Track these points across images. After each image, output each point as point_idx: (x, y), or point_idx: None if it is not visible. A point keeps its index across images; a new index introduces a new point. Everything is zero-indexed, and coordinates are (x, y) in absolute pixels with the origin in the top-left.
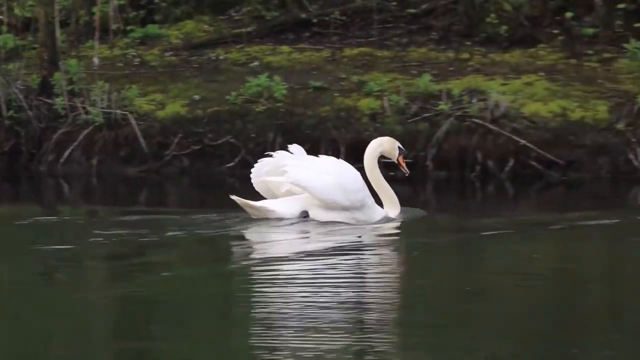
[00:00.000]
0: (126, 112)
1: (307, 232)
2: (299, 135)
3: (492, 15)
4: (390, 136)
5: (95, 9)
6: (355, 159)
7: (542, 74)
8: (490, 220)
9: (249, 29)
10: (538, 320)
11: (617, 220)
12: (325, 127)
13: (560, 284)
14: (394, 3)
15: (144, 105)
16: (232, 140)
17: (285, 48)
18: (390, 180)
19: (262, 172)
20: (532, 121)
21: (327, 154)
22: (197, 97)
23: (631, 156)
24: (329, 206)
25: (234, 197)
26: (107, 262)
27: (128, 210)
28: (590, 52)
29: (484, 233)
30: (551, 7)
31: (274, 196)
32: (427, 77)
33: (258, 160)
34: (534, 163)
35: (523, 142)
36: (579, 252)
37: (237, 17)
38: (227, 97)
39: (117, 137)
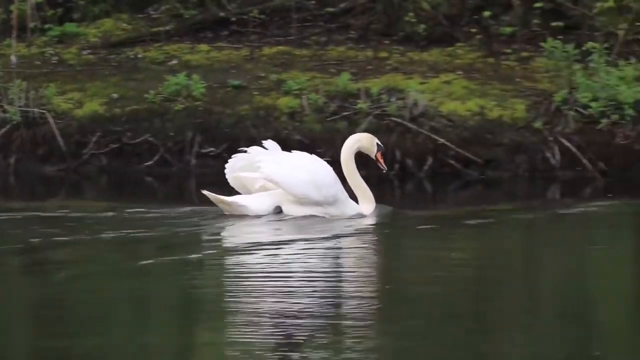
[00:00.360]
0: (44, 111)
1: (275, 226)
2: (218, 134)
3: (411, 14)
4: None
5: (12, 7)
6: None
7: (460, 72)
8: (418, 214)
9: (167, 28)
10: (453, 312)
11: (532, 216)
12: (244, 126)
13: (475, 279)
14: (313, 2)
15: (62, 103)
16: (150, 138)
17: (203, 47)
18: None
19: (236, 167)
20: (450, 120)
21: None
22: (115, 95)
23: (548, 155)
24: (302, 201)
25: (205, 192)
26: (18, 259)
27: (45, 207)
28: (508, 51)
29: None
30: (469, 6)
31: (248, 192)
32: (345, 76)
33: (232, 156)
34: (452, 162)
35: (442, 140)
36: (494, 246)
37: (155, 16)
38: (146, 95)
39: (35, 136)
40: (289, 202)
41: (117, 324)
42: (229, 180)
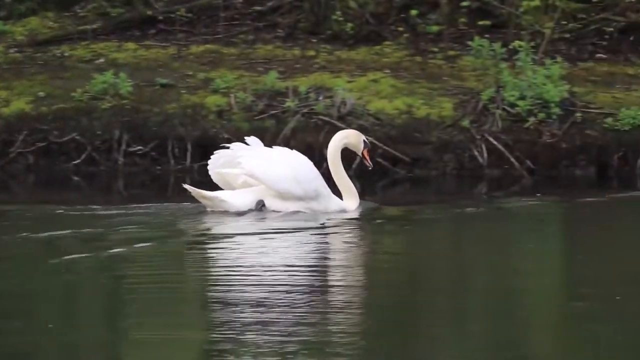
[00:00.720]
0: None
1: (253, 220)
2: (145, 132)
3: (338, 12)
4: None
5: None
6: (203, 156)
7: (388, 71)
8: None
9: (94, 26)
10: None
11: (460, 211)
12: (171, 125)
13: (400, 273)
14: (240, 0)
15: None
16: (77, 137)
17: (131, 45)
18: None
19: (218, 163)
20: (378, 118)
21: (173, 151)
22: (42, 94)
23: (476, 153)
24: (284, 196)
25: (187, 187)
26: None
27: None
28: (435, 49)
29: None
30: (396, 4)
31: (231, 188)
32: (273, 75)
33: (214, 152)
34: (380, 160)
35: (369, 139)
36: (419, 242)
37: (82, 14)
38: (73, 94)
39: None
40: (271, 198)
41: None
42: (212, 176)
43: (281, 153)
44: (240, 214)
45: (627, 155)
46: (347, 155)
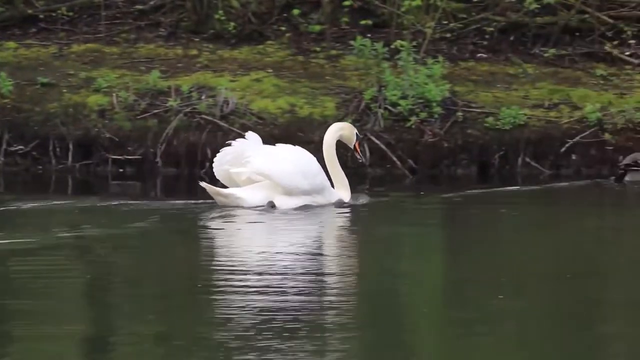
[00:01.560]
0: None
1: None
2: (27, 131)
3: (220, 12)
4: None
5: None
6: (84, 155)
7: (271, 70)
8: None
9: None
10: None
11: (341, 212)
12: (53, 124)
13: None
14: None
15: None
16: None
17: (11, 44)
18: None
19: (224, 161)
20: (260, 117)
21: (54, 151)
22: None
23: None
24: (292, 192)
25: (203, 184)
26: None
27: None
28: (317, 49)
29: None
30: (278, 4)
31: (235, 184)
32: (156, 74)
33: (220, 150)
34: None
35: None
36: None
37: None
38: None
39: None
40: (279, 194)
41: None
42: (216, 173)
43: (286, 150)
44: (251, 209)
45: (508, 154)
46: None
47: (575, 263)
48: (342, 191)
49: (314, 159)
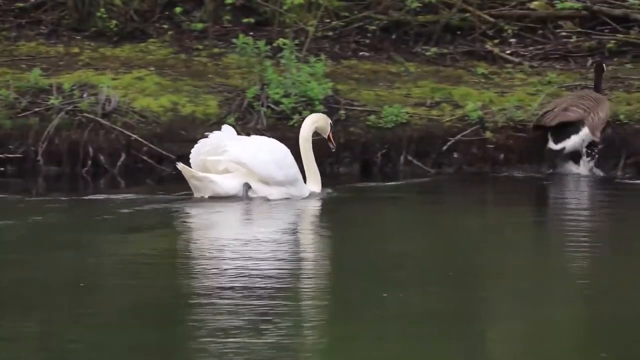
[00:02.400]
0: None
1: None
2: None
3: (102, 9)
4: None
5: None
6: None
7: (153, 68)
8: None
9: None
10: None
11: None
12: None
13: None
14: None
15: None
16: None
17: None
18: None
19: (201, 151)
20: (143, 116)
21: None
22: None
23: None
24: (266, 181)
25: (179, 166)
26: None
27: None
28: (199, 47)
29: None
30: (161, 2)
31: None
32: (37, 72)
33: (198, 141)
34: (145, 157)
35: (134, 136)
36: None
37: None
38: None
39: None
40: (255, 183)
41: None
42: (194, 165)
43: (262, 141)
44: (223, 197)
45: (390, 153)
46: (109, 154)
47: (456, 260)
48: (314, 184)
49: (289, 151)
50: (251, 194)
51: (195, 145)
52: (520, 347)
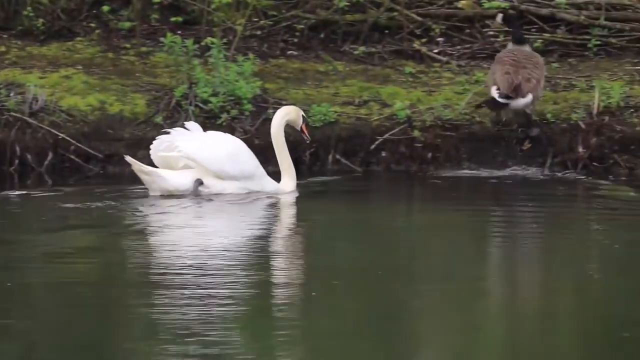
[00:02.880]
0: None
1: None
2: None
3: (29, 8)
4: None
5: None
6: None
7: (80, 67)
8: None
9: None
10: None
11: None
12: None
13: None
14: None
15: None
16: None
17: None
18: None
19: (160, 148)
20: (70, 115)
21: None
22: None
23: None
24: (220, 176)
25: (128, 159)
26: None
27: None
28: (127, 45)
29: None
30: (88, 0)
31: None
32: None
33: (156, 137)
34: (73, 156)
35: (62, 135)
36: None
37: None
38: None
39: None
40: (209, 179)
41: None
42: (154, 161)
43: (216, 136)
44: (175, 194)
45: (319, 151)
46: (36, 153)
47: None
48: (288, 180)
49: (245, 146)
50: (204, 190)
51: (154, 142)
52: (444, 345)
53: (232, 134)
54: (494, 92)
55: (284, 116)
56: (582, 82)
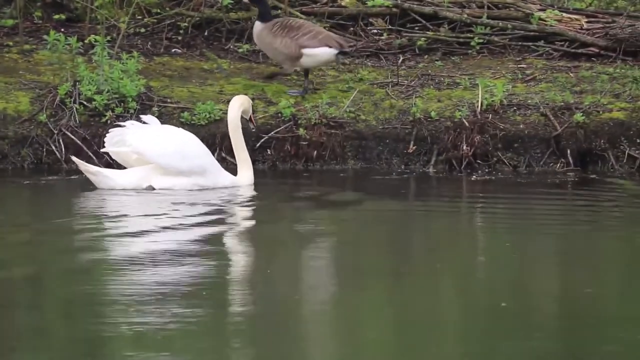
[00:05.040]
0: None
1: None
2: None
3: None
4: None
5: None
6: None
7: None
8: None
9: None
10: None
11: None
12: None
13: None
14: None
15: None
16: None
17: None
18: None
19: (112, 141)
20: None
21: None
22: None
23: (53, 147)
24: (169, 172)
25: (74, 159)
26: None
27: None
28: (10, 43)
29: None
30: None
31: (130, 165)
32: None
33: (109, 130)
34: None
35: None
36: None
37: None
38: None
39: None
40: (159, 175)
41: None
42: (112, 154)
43: (167, 130)
44: (124, 191)
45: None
46: None
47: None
48: (244, 173)
49: (198, 140)
50: (155, 185)
51: (107, 135)
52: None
53: None
54: (334, 50)
55: (240, 107)
56: (465, 80)
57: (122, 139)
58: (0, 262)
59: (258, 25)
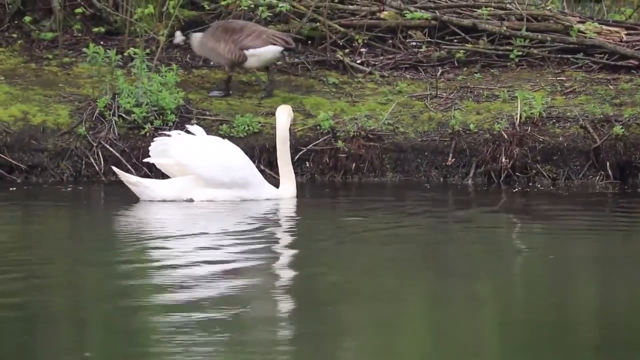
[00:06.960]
0: None
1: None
2: None
3: None
4: None
5: None
6: None
7: (2, 78)
8: None
9: None
10: None
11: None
12: None
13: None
14: None
15: None
16: None
17: None
18: None
19: (156, 151)
20: None
21: None
22: None
23: (92, 160)
24: (211, 184)
25: (115, 169)
26: None
27: None
28: (49, 56)
29: None
30: (10, 11)
31: (173, 175)
32: None
33: (154, 139)
34: None
35: None
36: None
37: None
38: None
39: None
40: (200, 187)
41: None
42: (156, 164)
43: (211, 142)
44: (165, 202)
45: None
46: None
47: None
48: (287, 186)
49: (242, 153)
50: (195, 198)
51: (152, 144)
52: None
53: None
54: (278, 47)
55: (288, 118)
56: (504, 92)
57: (166, 149)
58: (41, 285)
59: (197, 36)
